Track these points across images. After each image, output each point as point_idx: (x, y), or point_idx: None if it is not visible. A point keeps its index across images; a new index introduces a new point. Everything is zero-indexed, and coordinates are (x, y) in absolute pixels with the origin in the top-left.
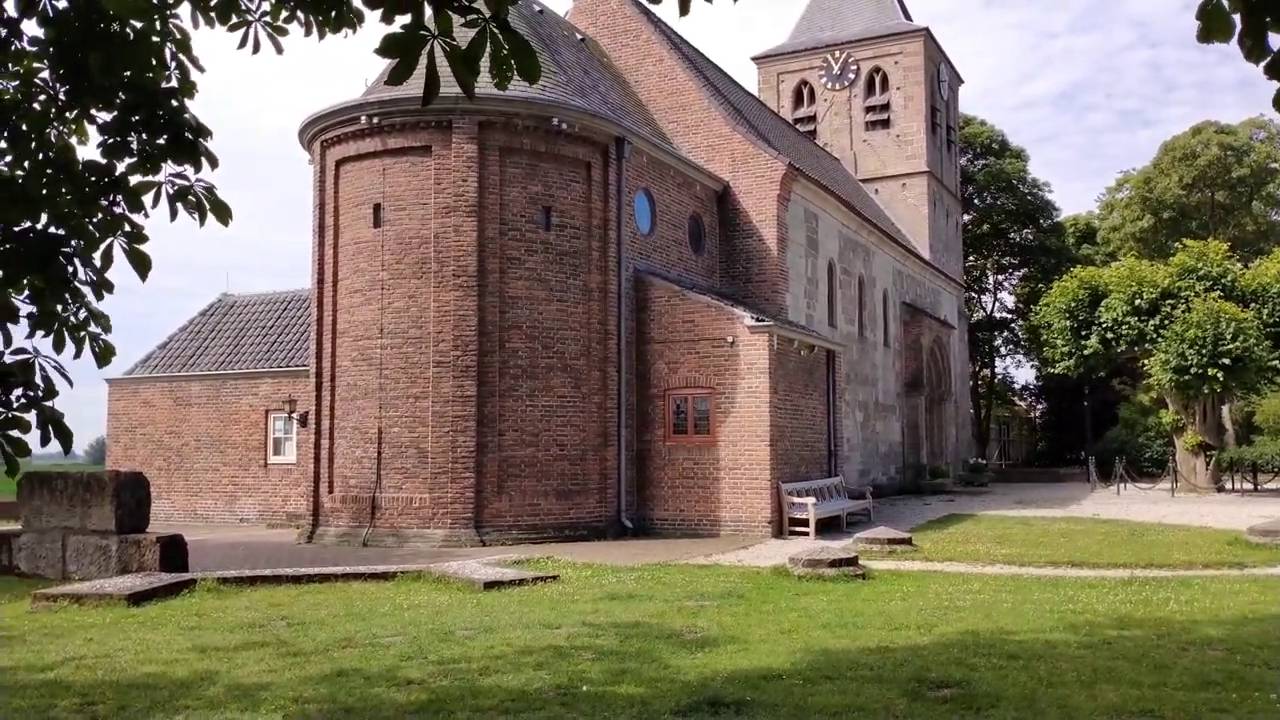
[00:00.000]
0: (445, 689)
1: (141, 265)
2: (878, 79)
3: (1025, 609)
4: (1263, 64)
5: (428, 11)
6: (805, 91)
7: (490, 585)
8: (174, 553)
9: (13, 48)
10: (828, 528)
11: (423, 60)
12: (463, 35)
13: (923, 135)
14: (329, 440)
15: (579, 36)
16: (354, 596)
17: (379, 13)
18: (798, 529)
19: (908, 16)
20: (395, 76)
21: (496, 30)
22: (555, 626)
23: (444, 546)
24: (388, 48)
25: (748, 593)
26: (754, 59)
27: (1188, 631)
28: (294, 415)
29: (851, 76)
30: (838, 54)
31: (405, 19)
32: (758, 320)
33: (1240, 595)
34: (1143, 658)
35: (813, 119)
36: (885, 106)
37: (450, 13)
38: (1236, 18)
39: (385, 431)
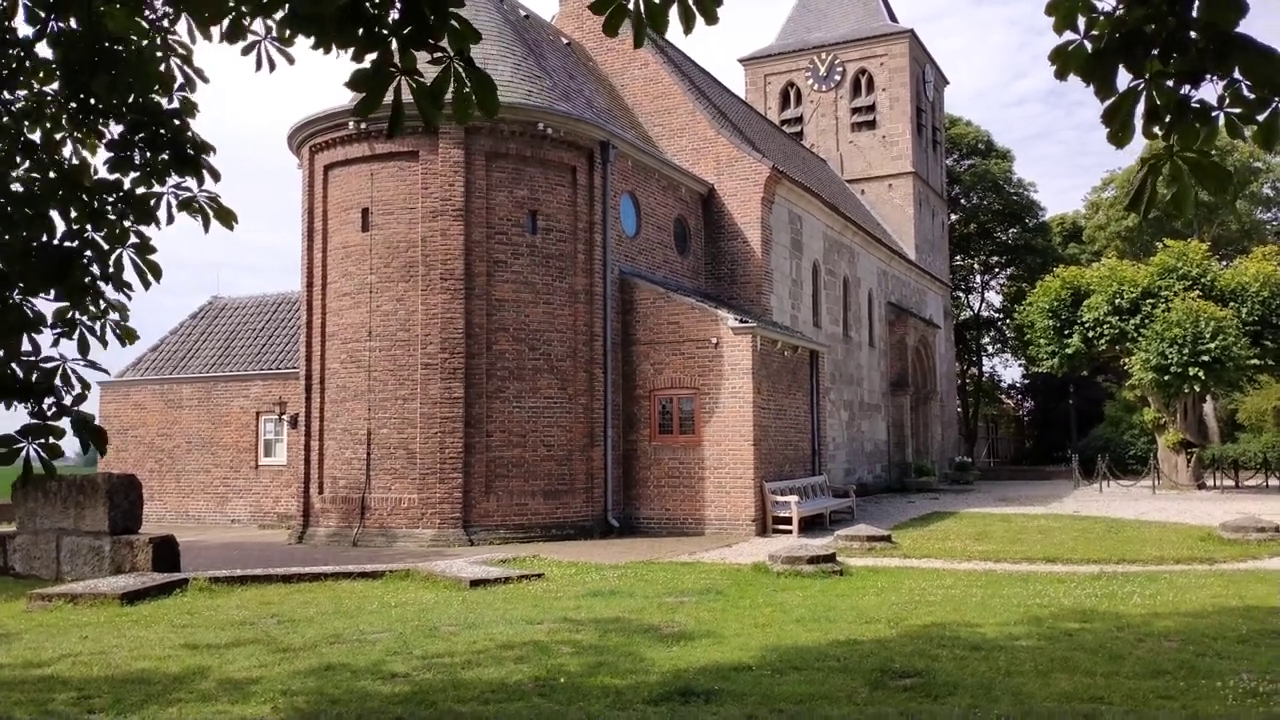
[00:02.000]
0: (428, 681)
1: (150, 274)
2: (863, 80)
3: (993, 603)
4: (1106, 103)
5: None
6: (792, 93)
7: (476, 583)
8: (166, 553)
9: (25, 65)
10: (811, 526)
11: (390, 94)
12: (428, 69)
13: (908, 136)
14: (319, 441)
15: (565, 41)
16: (343, 595)
17: (350, 50)
18: (781, 527)
19: (893, 18)
20: (362, 108)
21: (461, 67)
22: (537, 622)
23: (433, 546)
24: (357, 83)
25: (726, 589)
26: (741, 61)
27: (1147, 624)
28: (284, 417)
29: (837, 78)
30: (824, 55)
31: (374, 55)
32: (741, 322)
33: (1203, 589)
34: (1099, 649)
35: (799, 120)
36: (871, 108)
37: (414, 51)
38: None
39: (374, 433)
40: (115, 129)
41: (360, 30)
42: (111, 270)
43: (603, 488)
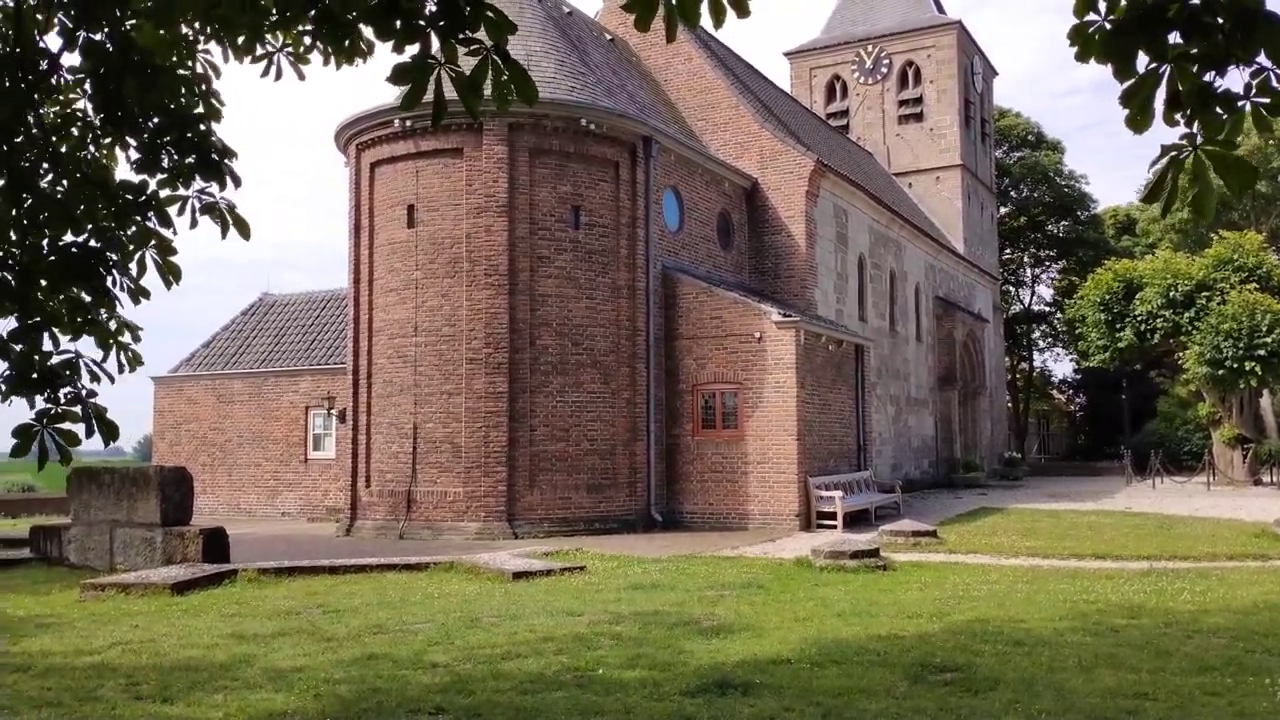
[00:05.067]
0: (468, 672)
1: (171, 275)
2: (910, 72)
3: (1039, 599)
4: (1125, 85)
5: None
6: (838, 86)
7: (519, 576)
8: (216, 544)
9: (54, 79)
10: (856, 521)
11: (431, 85)
12: (466, 61)
13: (956, 128)
14: (366, 436)
15: (608, 37)
16: (387, 586)
17: (390, 43)
18: (825, 522)
19: (940, 9)
20: (407, 102)
21: (498, 59)
22: (578, 615)
23: (477, 539)
24: (399, 75)
25: (768, 583)
26: (786, 54)
27: (1195, 620)
28: (333, 412)
29: (884, 70)
30: (870, 48)
31: (414, 48)
32: (784, 316)
33: (1256, 586)
34: (1146, 645)
35: (845, 113)
36: (918, 100)
37: (454, 42)
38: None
39: (420, 427)
40: (134, 141)
41: (399, 23)
42: (135, 272)
43: (646, 482)
